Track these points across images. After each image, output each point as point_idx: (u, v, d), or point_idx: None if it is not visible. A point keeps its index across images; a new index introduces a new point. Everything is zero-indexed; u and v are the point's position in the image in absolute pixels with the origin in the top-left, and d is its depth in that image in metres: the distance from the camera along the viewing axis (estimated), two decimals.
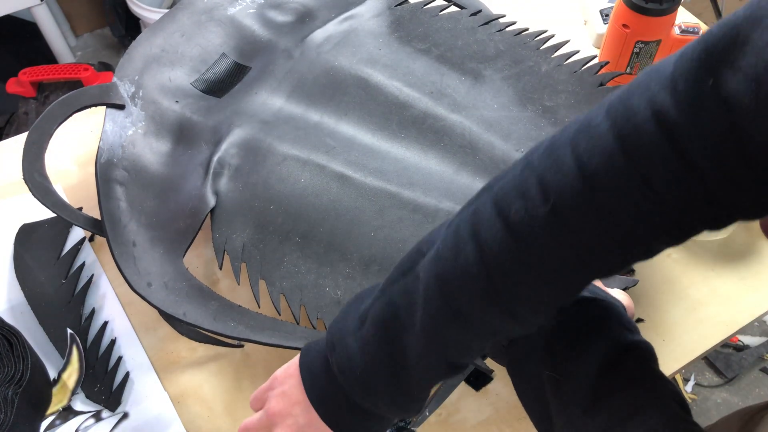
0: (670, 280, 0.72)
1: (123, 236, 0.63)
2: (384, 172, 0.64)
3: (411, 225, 0.62)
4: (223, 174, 0.65)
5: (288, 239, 0.61)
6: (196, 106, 0.71)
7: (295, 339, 0.58)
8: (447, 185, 0.64)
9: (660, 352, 0.67)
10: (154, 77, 0.73)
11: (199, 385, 0.66)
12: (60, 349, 0.66)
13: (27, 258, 0.72)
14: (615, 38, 0.80)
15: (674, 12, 0.76)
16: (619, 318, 0.47)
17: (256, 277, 0.61)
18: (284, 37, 0.76)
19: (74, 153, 0.82)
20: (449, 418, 0.64)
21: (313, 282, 0.60)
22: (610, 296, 0.51)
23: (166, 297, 0.60)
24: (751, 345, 1.55)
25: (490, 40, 0.74)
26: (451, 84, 0.71)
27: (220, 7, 0.78)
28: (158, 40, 0.75)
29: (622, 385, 0.42)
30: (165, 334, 0.68)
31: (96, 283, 0.72)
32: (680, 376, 1.54)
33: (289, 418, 0.47)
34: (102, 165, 0.66)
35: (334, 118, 0.68)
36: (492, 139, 0.67)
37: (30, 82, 1.50)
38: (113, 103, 0.70)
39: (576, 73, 0.71)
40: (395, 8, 0.77)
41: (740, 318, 0.70)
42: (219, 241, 0.62)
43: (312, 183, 0.63)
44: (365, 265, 0.60)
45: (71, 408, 0.64)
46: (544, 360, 0.45)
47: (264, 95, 0.71)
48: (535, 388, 0.45)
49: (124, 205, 0.65)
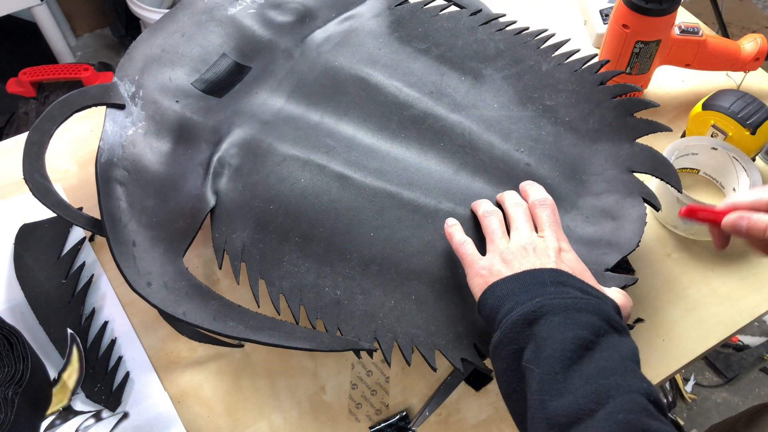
0: (670, 280, 0.72)
1: (123, 236, 0.63)
2: (384, 172, 0.64)
3: (411, 225, 0.62)
4: (223, 174, 0.65)
5: (288, 239, 0.61)
6: (196, 106, 0.71)
7: (295, 339, 0.58)
8: (447, 185, 0.64)
9: (660, 352, 0.67)
10: (154, 77, 0.73)
11: (199, 385, 0.66)
12: (60, 349, 0.66)
13: (27, 258, 0.72)
14: (615, 38, 0.80)
15: (674, 12, 0.76)
16: (607, 316, 0.48)
17: (256, 277, 0.61)
18: (284, 37, 0.76)
19: (74, 153, 0.82)
20: (449, 418, 0.64)
21: (313, 282, 0.60)
22: (603, 294, 0.51)
23: (165, 297, 0.60)
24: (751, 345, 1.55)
25: (490, 40, 0.74)
26: (451, 84, 0.71)
27: (220, 7, 0.78)
28: (158, 40, 0.75)
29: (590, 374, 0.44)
30: (165, 334, 0.68)
31: (96, 283, 0.72)
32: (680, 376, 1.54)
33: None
34: (102, 165, 0.66)
35: (334, 118, 0.68)
36: (492, 139, 0.67)
37: (30, 82, 1.50)
38: (113, 102, 0.70)
39: (576, 72, 0.72)
40: (395, 8, 0.77)
41: (740, 318, 0.70)
42: (219, 240, 0.62)
43: (312, 183, 0.63)
44: (365, 265, 0.60)
45: (71, 408, 0.64)
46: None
47: (264, 95, 0.71)
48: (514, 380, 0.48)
49: (124, 204, 0.65)
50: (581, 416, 0.42)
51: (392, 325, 0.58)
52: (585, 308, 0.48)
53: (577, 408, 0.42)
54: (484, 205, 0.60)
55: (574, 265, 0.54)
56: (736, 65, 0.84)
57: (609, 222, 0.63)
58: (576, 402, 0.42)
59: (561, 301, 0.48)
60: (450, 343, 0.58)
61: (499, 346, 0.49)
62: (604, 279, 0.59)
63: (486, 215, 0.59)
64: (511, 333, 0.48)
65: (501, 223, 0.58)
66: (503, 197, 0.61)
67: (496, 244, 0.56)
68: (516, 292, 0.50)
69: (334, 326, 0.59)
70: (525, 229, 0.56)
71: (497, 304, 0.51)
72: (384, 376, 0.66)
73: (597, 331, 0.46)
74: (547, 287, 0.50)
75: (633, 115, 0.69)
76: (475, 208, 0.61)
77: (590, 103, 0.70)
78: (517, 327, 0.48)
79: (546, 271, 0.52)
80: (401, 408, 0.65)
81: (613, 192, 0.65)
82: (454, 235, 0.58)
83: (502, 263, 0.54)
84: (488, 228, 0.58)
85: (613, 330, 0.47)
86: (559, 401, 0.43)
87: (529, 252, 0.54)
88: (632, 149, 0.67)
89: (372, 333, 0.58)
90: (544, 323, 0.47)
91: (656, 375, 0.66)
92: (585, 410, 0.42)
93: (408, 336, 0.58)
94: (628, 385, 0.43)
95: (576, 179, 0.66)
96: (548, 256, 0.53)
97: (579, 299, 0.48)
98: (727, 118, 0.75)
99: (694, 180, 0.80)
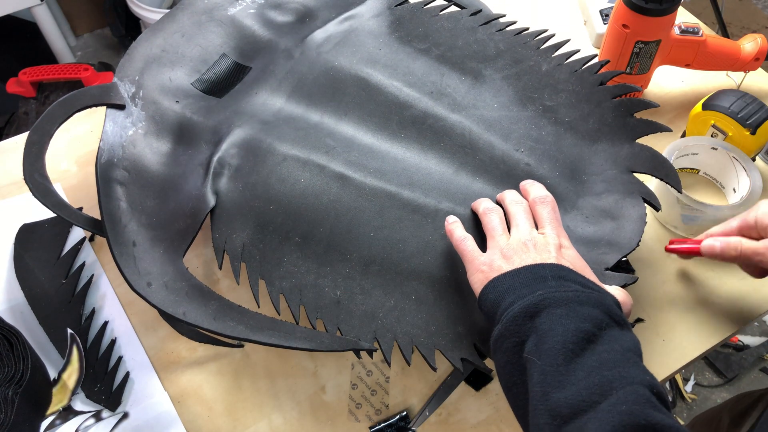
0: (670, 280, 0.72)
1: (123, 236, 0.63)
2: (384, 172, 0.64)
3: (411, 225, 0.62)
4: (223, 174, 0.65)
5: (288, 239, 0.62)
6: (196, 106, 0.71)
7: (295, 339, 0.58)
8: (447, 185, 0.64)
9: (660, 352, 0.67)
10: (154, 77, 0.73)
11: (199, 385, 0.66)
12: (60, 349, 0.66)
13: (27, 258, 0.72)
14: (615, 38, 0.80)
15: (674, 12, 0.76)
16: (608, 310, 0.48)
17: (256, 277, 0.61)
18: (284, 37, 0.76)
19: (74, 153, 0.82)
20: (449, 418, 0.64)
21: (313, 282, 0.60)
22: (604, 289, 0.52)
23: (165, 297, 0.60)
24: (751, 345, 1.55)
25: (490, 40, 0.74)
26: (451, 84, 0.71)
27: (220, 7, 0.78)
28: (158, 41, 0.76)
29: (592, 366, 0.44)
30: (165, 334, 0.68)
31: (96, 283, 0.72)
32: (680, 376, 1.54)
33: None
34: (102, 165, 0.66)
35: (334, 118, 0.68)
36: (492, 139, 0.67)
37: (30, 82, 1.50)
38: (114, 103, 0.70)
39: (576, 72, 0.72)
40: (395, 8, 0.77)
41: (740, 318, 0.70)
42: (219, 241, 0.62)
43: (312, 183, 0.63)
44: (365, 265, 0.60)
45: (71, 408, 0.64)
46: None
47: (264, 95, 0.71)
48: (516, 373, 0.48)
49: (125, 205, 0.65)
50: (584, 407, 0.42)
51: (392, 325, 0.58)
52: (587, 301, 0.48)
53: (579, 399, 0.42)
54: (485, 203, 0.60)
55: (574, 261, 0.54)
56: (736, 65, 0.84)
57: (609, 222, 0.63)
58: (579, 393, 0.42)
59: (563, 293, 0.48)
60: (450, 343, 0.58)
61: (500, 339, 0.49)
62: (605, 278, 0.59)
63: (486, 212, 0.59)
64: (512, 326, 0.48)
65: (501, 220, 0.58)
66: (503, 196, 0.61)
67: (496, 240, 0.56)
68: (517, 286, 0.50)
69: (333, 326, 0.59)
70: (525, 225, 0.57)
71: (498, 298, 0.51)
72: (384, 376, 0.66)
73: (599, 324, 0.46)
74: (548, 281, 0.50)
75: (633, 115, 0.69)
76: (475, 206, 0.61)
77: (590, 103, 0.70)
78: (519, 320, 0.48)
79: (547, 266, 0.52)
80: (401, 408, 0.65)
81: (613, 192, 0.65)
82: (455, 231, 0.59)
83: (502, 259, 0.54)
84: (488, 225, 0.58)
85: (615, 323, 0.48)
86: (561, 392, 0.43)
87: (530, 248, 0.54)
88: (632, 149, 0.67)
89: (372, 333, 0.58)
90: (545, 316, 0.47)
91: (656, 375, 0.66)
92: (588, 402, 0.42)
93: (408, 336, 0.58)
94: (631, 377, 0.43)
95: (576, 179, 0.66)
96: (549, 251, 0.54)
97: (581, 292, 0.49)
98: (727, 118, 0.75)
99: (694, 180, 0.80)
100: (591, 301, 0.48)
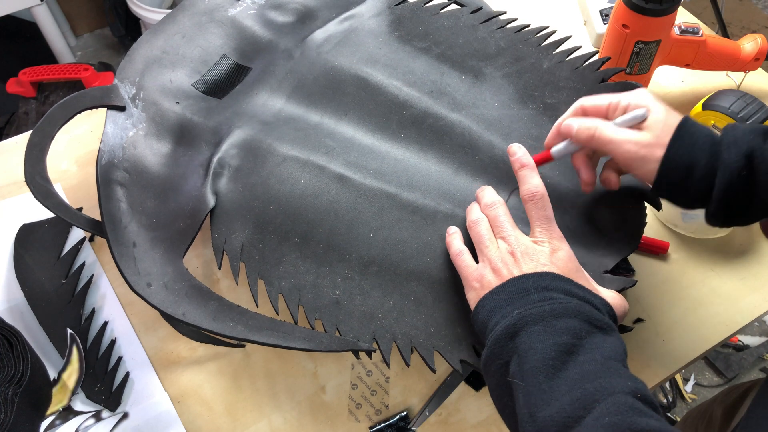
0: (670, 280, 0.72)
1: (123, 237, 0.63)
2: (383, 173, 0.64)
3: (410, 226, 0.62)
4: (223, 174, 0.65)
5: (287, 239, 0.62)
6: (196, 107, 0.71)
7: (294, 339, 0.58)
8: (446, 186, 0.64)
9: (660, 352, 0.67)
10: (154, 79, 0.73)
11: (199, 385, 0.66)
12: (60, 349, 0.66)
13: (27, 258, 0.72)
14: (615, 38, 0.80)
15: (674, 12, 0.76)
16: (588, 317, 0.48)
17: (255, 278, 0.61)
18: (285, 38, 0.76)
19: (74, 153, 0.82)
20: (449, 418, 0.64)
21: (312, 282, 0.60)
22: (590, 293, 0.51)
23: (165, 297, 0.60)
24: (751, 345, 1.55)
25: (490, 38, 0.74)
26: (451, 83, 0.71)
27: (220, 8, 0.78)
28: (159, 42, 0.76)
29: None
30: (165, 334, 0.68)
31: (96, 283, 0.72)
32: (680, 376, 1.54)
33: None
34: (103, 166, 0.66)
35: (334, 118, 0.68)
36: (492, 139, 0.67)
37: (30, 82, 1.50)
38: (114, 104, 0.70)
39: (577, 69, 0.71)
40: (395, 7, 0.77)
41: (740, 318, 0.70)
42: (218, 241, 0.62)
43: (311, 184, 0.63)
44: (364, 266, 0.60)
45: (71, 408, 0.64)
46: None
47: (264, 96, 0.71)
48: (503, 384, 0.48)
49: (125, 206, 0.65)
50: (569, 423, 0.42)
51: (391, 326, 0.58)
52: (563, 313, 0.47)
53: (564, 416, 0.42)
54: (472, 214, 0.59)
55: (565, 263, 0.53)
56: (736, 65, 0.84)
57: (609, 222, 0.63)
58: (563, 410, 0.42)
59: (539, 309, 0.48)
60: (449, 345, 0.58)
61: (488, 362, 0.49)
62: (603, 281, 0.59)
63: (472, 225, 0.58)
64: (496, 348, 0.48)
65: (488, 229, 0.57)
66: (479, 197, 0.59)
67: (485, 253, 0.55)
68: (502, 304, 0.50)
69: (332, 327, 0.59)
70: (509, 232, 0.55)
71: (487, 318, 0.51)
72: (384, 377, 0.66)
73: (578, 334, 0.46)
74: (531, 295, 0.50)
75: None
76: (467, 214, 0.60)
77: None
78: (501, 341, 0.48)
79: (531, 276, 0.51)
80: (401, 408, 0.65)
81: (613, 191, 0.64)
82: (452, 244, 0.58)
83: (492, 273, 0.53)
84: (476, 237, 0.57)
85: (597, 329, 0.47)
86: (546, 411, 0.43)
87: (517, 257, 0.53)
88: None
89: (371, 333, 0.58)
90: (524, 335, 0.47)
91: (656, 375, 0.66)
92: (572, 417, 0.42)
93: (407, 337, 0.58)
94: (612, 386, 0.43)
95: (576, 178, 0.66)
96: (537, 259, 0.53)
97: (558, 304, 0.48)
98: (727, 118, 0.75)
99: None
100: (569, 312, 0.48)
